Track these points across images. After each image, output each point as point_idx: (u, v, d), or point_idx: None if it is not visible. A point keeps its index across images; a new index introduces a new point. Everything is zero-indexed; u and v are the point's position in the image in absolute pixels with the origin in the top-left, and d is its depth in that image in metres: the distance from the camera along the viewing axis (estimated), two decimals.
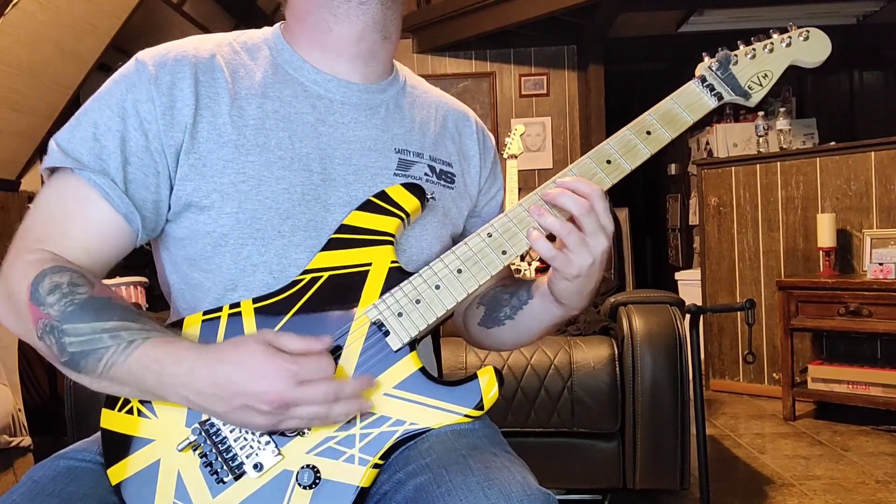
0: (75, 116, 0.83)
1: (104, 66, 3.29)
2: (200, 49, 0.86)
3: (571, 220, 0.82)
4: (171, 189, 0.83)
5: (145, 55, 0.84)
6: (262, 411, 0.72)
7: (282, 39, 0.92)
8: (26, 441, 2.10)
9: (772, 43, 0.92)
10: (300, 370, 0.72)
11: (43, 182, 0.86)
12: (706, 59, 0.92)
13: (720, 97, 0.90)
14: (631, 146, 0.87)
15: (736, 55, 0.91)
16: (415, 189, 0.88)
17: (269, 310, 0.82)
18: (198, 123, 0.82)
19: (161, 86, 0.81)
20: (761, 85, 0.91)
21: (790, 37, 0.92)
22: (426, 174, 0.93)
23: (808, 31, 0.92)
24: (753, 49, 0.92)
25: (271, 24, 0.95)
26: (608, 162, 0.86)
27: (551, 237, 0.84)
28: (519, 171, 2.90)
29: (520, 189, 2.80)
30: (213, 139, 0.82)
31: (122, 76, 0.83)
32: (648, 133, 0.87)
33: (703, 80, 0.90)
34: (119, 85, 0.82)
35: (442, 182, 0.95)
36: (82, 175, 0.80)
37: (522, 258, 2.68)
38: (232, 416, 0.74)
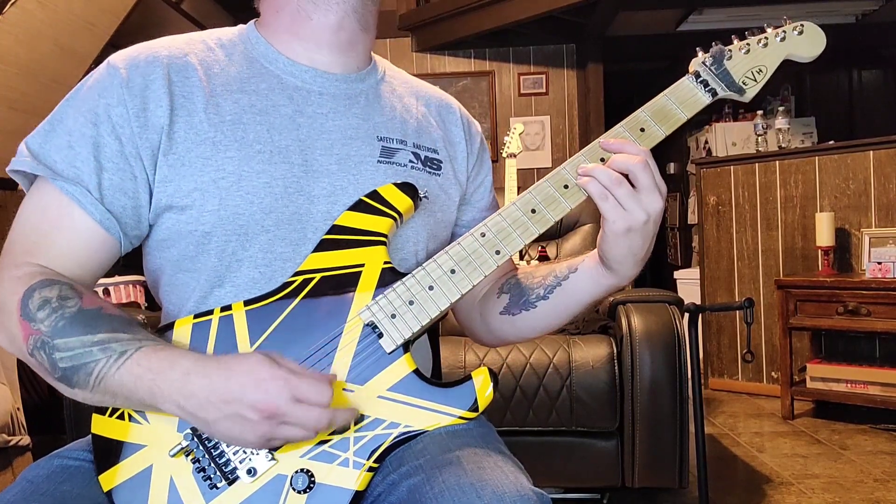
0: (48, 121, 0.82)
1: None
2: (173, 48, 0.85)
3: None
4: (151, 193, 0.82)
5: (116, 58, 0.83)
6: (253, 422, 0.70)
7: (256, 33, 0.91)
8: (25, 440, 2.10)
9: (766, 37, 0.89)
10: (299, 384, 0.71)
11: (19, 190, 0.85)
12: (700, 53, 0.90)
13: (714, 93, 0.87)
14: None
15: (730, 50, 0.89)
16: (407, 188, 0.87)
17: (261, 312, 0.81)
18: (174, 124, 0.81)
19: (133, 88, 0.80)
20: (755, 80, 0.89)
21: (784, 31, 0.89)
22: (411, 161, 0.92)
23: (802, 25, 0.89)
24: (748, 44, 0.89)
25: None
26: (602, 161, 0.84)
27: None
28: (518, 169, 2.89)
29: (519, 188, 2.78)
30: (190, 138, 0.81)
31: (94, 81, 0.82)
32: (642, 130, 0.85)
33: (698, 75, 0.88)
34: (92, 90, 0.81)
35: (428, 169, 0.94)
36: (56, 184, 0.79)
37: (521, 257, 2.67)
38: (222, 425, 0.71)
